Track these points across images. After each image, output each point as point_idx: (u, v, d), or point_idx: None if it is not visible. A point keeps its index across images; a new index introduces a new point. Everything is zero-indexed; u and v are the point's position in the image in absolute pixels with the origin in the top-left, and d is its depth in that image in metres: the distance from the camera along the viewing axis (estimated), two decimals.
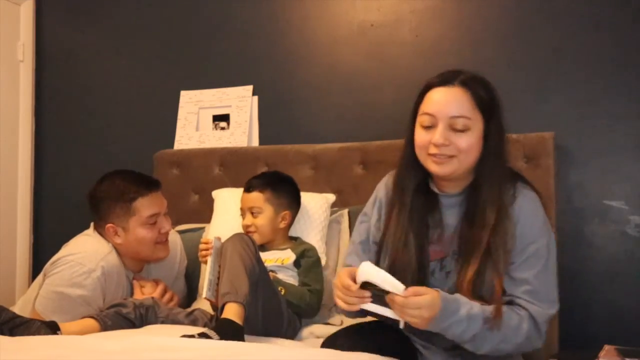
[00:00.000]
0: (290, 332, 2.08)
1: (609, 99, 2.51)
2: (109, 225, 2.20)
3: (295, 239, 2.38)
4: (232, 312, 1.77)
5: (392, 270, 1.66)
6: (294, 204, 2.39)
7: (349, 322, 2.12)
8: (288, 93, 2.98)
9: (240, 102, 3.03)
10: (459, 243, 1.70)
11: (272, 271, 2.18)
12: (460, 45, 2.72)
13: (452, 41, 2.74)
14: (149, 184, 2.24)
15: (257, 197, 2.32)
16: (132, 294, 2.23)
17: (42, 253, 3.30)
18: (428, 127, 1.69)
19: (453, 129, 1.66)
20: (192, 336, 1.64)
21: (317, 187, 2.69)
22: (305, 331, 2.17)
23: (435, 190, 1.76)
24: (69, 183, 3.35)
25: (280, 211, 2.33)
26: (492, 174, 1.69)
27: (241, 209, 2.37)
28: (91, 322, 1.94)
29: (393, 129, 2.77)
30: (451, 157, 1.67)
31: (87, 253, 2.13)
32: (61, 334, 1.84)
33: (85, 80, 3.35)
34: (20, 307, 2.21)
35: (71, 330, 1.88)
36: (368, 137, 2.77)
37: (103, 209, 2.21)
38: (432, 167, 1.69)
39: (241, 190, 2.44)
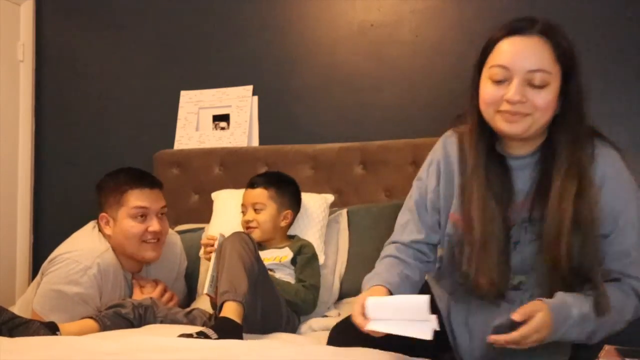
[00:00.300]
0: (289, 330, 2.09)
1: (609, 98, 2.51)
2: (102, 214, 2.25)
3: (293, 237, 2.39)
4: (231, 310, 1.77)
5: (479, 242, 1.53)
6: (296, 205, 2.39)
7: (346, 314, 2.11)
8: (288, 93, 2.98)
9: (240, 102, 3.02)
10: (530, 211, 1.54)
11: (270, 269, 2.18)
12: (460, 45, 2.72)
13: (452, 41, 2.74)
14: (143, 179, 2.26)
15: (261, 193, 2.33)
16: (131, 294, 2.24)
17: (42, 253, 3.30)
18: (499, 82, 1.50)
19: (530, 84, 1.47)
20: (190, 335, 1.64)
21: (317, 187, 2.69)
22: (304, 326, 2.18)
23: (502, 152, 1.59)
24: (69, 183, 3.35)
25: (283, 210, 2.33)
26: (571, 135, 1.51)
27: (243, 205, 2.37)
28: (90, 323, 1.94)
29: (393, 129, 2.78)
30: (525, 115, 1.48)
31: (83, 251, 2.15)
32: (60, 334, 1.84)
33: (85, 80, 3.35)
34: (20, 308, 2.21)
35: (70, 330, 1.88)
36: (368, 137, 2.77)
37: (101, 199, 2.26)
38: (502, 125, 1.51)
39: (241, 191, 2.44)
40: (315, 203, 2.49)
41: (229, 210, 2.55)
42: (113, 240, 2.22)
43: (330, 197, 2.57)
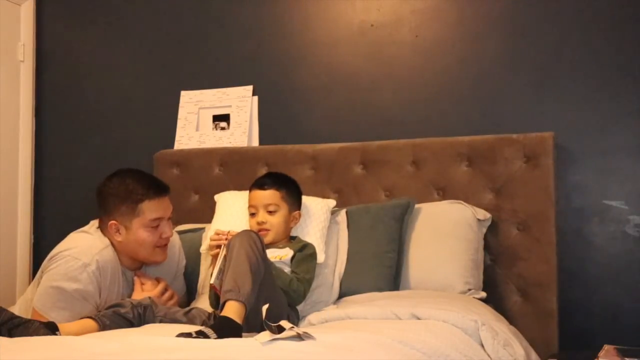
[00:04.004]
0: None
1: (609, 99, 2.51)
2: (112, 222, 2.20)
3: (294, 238, 2.39)
4: (233, 310, 1.77)
5: None
6: (300, 206, 2.40)
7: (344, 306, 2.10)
8: (288, 93, 2.98)
9: (240, 102, 3.03)
10: None
11: None
12: (460, 45, 2.72)
13: (452, 41, 2.74)
14: (158, 188, 2.23)
15: (273, 195, 2.30)
16: (131, 292, 2.24)
17: (42, 253, 3.29)
18: None
19: None
20: (189, 334, 1.64)
21: (317, 187, 2.69)
22: (303, 322, 2.17)
23: None
24: (69, 183, 3.35)
25: (293, 211, 2.33)
26: None
27: (253, 206, 2.33)
28: (90, 322, 1.94)
29: (393, 129, 2.78)
30: None
31: (82, 248, 2.15)
32: (60, 334, 1.84)
33: (86, 80, 3.35)
34: (20, 307, 2.21)
35: (70, 330, 1.88)
36: (368, 137, 2.77)
37: (109, 206, 2.21)
38: None
39: (244, 192, 2.43)
40: (317, 205, 2.49)
41: (231, 212, 2.53)
42: (123, 245, 2.20)
43: (332, 202, 2.56)
